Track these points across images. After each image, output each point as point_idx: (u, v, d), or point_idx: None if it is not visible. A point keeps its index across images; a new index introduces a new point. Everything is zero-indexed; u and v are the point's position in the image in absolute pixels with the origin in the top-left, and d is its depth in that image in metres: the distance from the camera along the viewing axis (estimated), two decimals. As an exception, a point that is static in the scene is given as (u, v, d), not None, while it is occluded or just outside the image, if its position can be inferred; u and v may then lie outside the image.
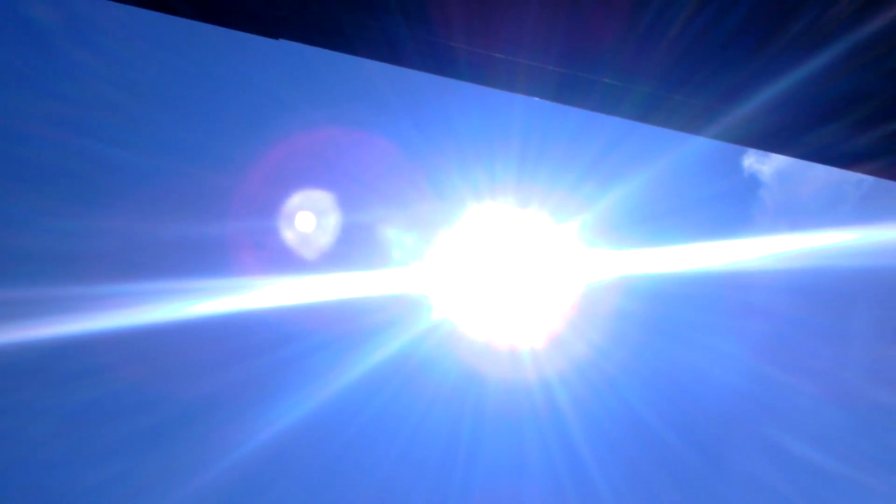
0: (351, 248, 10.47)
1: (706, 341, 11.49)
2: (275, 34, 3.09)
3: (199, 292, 10.06)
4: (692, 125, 2.96)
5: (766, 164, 10.69)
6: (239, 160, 10.33)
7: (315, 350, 11.08)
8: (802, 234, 10.25)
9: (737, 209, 11.01)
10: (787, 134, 2.80)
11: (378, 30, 2.90)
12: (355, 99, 10.03)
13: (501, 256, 10.77)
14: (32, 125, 9.50)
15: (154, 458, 11.10)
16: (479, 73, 3.10)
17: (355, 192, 10.33)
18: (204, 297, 10.05)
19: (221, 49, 9.53)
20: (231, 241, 10.35)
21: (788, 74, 2.58)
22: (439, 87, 9.42)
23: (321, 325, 10.88)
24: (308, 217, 10.22)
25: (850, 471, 11.23)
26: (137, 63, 9.49)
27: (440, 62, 3.08)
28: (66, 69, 9.32)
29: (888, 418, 11.17)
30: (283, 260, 10.39)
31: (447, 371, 11.30)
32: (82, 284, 9.93)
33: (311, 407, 11.04)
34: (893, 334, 10.95)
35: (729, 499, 11.77)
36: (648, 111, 3.00)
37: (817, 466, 11.33)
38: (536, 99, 3.23)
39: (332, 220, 10.26)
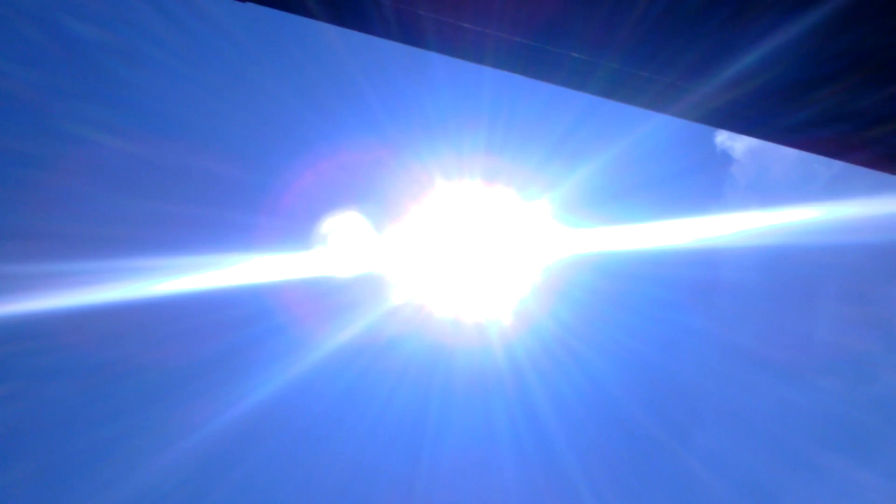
0: (313, 226, 10.45)
1: (673, 317, 11.72)
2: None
3: (161, 270, 10.02)
4: (658, 103, 2.99)
5: (735, 142, 10.82)
6: (199, 132, 10.22)
7: (279, 330, 11.14)
8: (771, 210, 10.44)
9: (705, 186, 11.21)
10: (750, 114, 2.83)
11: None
12: (316, 68, 9.89)
13: (467, 234, 10.79)
14: (29, 112, 9.40)
15: (124, 432, 11.12)
16: (446, 43, 3.09)
17: (315, 166, 10.26)
18: (165, 274, 10.01)
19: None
20: (191, 219, 10.26)
21: (753, 52, 2.60)
22: (405, 56, 9.28)
23: (285, 306, 10.90)
24: (270, 195, 10.18)
25: (813, 447, 11.54)
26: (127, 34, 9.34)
27: (406, 30, 3.06)
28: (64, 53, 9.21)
29: (853, 393, 11.44)
30: (246, 238, 10.35)
31: (413, 350, 11.37)
32: (61, 261, 9.87)
33: (275, 387, 11.09)
34: (858, 309, 11.21)
35: (695, 471, 12.01)
36: (615, 87, 3.02)
37: (782, 441, 11.67)
38: (504, 72, 3.20)
39: (294, 198, 10.21)
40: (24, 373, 10.62)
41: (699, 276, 11.46)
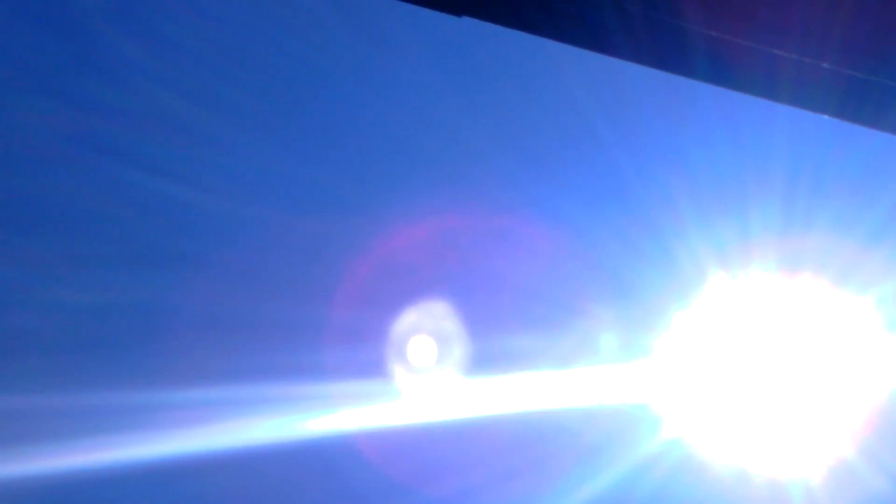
0: (540, 339, 10.09)
1: None
2: (457, 11, 2.94)
3: (315, 401, 9.99)
4: None
5: None
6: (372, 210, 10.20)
7: (497, 481, 10.77)
8: None
9: None
10: None
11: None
12: (536, 104, 9.50)
13: (762, 349, 9.70)
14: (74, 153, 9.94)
15: None
16: (724, 69, 2.77)
17: (543, 257, 9.88)
18: (322, 408, 9.97)
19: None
20: (362, 329, 10.23)
21: None
22: (665, 88, 8.60)
23: (499, 449, 10.49)
24: (478, 298, 9.99)
25: None
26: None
27: (668, 54, 2.80)
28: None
29: None
30: (446, 358, 10.19)
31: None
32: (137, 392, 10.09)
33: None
34: None
35: None
36: None
37: None
38: (821, 116, 2.86)
39: (511, 301, 9.90)
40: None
41: None
